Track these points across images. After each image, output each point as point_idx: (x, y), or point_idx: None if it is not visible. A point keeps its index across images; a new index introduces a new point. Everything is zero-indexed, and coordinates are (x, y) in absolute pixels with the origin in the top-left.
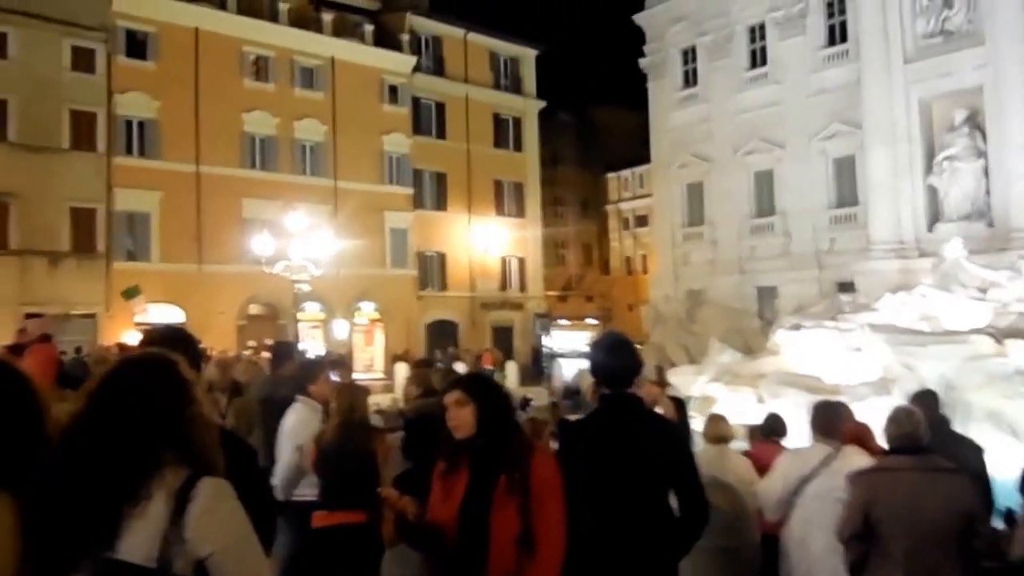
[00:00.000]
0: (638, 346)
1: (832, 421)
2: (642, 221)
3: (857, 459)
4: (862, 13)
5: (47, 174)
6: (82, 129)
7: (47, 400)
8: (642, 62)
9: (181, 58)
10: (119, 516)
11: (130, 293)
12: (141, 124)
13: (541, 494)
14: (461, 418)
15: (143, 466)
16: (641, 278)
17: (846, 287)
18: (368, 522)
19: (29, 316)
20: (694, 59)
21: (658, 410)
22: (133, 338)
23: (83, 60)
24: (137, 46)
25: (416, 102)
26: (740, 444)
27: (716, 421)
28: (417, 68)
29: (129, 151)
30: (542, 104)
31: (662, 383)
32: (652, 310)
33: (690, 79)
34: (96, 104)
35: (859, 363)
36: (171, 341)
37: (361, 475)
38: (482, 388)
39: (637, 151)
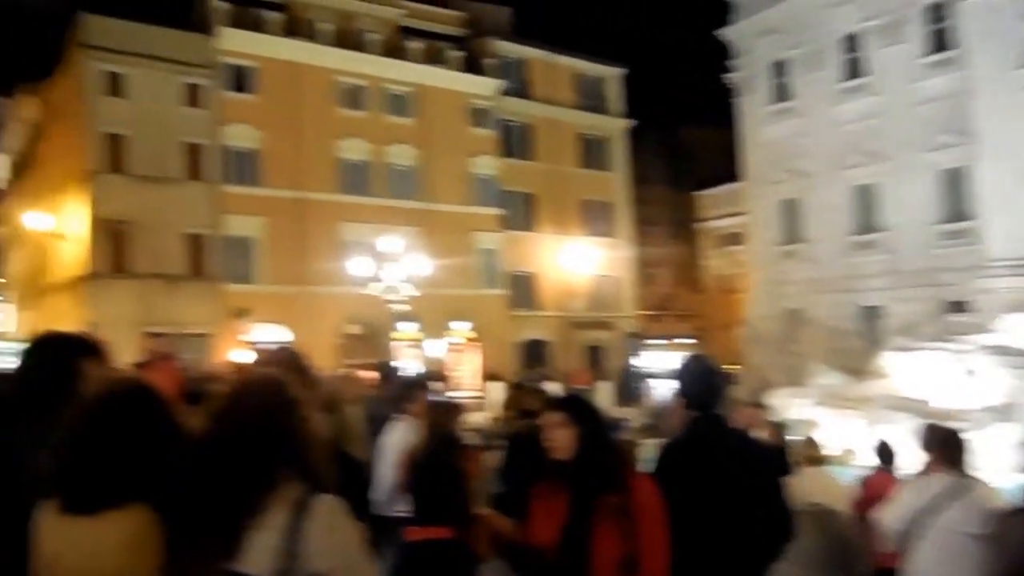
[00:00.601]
0: (735, 368)
1: (954, 449)
2: (735, 239)
3: (989, 492)
4: (968, 18)
5: (163, 203)
6: (194, 160)
7: (179, 415)
8: (729, 78)
9: (281, 90)
10: (241, 528)
11: (239, 314)
12: (246, 154)
13: (644, 518)
14: (560, 439)
15: (262, 481)
16: (735, 297)
17: (957, 306)
18: (457, 538)
19: (150, 336)
20: (784, 72)
21: (757, 434)
22: (242, 356)
23: (193, 96)
24: (241, 81)
25: (503, 124)
26: (850, 470)
27: (811, 444)
28: (504, 91)
29: (236, 180)
30: (629, 123)
31: (760, 406)
32: (749, 331)
33: (781, 93)
34: (206, 136)
35: (974, 387)
36: (283, 362)
37: (449, 491)
38: (581, 410)
39: (726, 168)
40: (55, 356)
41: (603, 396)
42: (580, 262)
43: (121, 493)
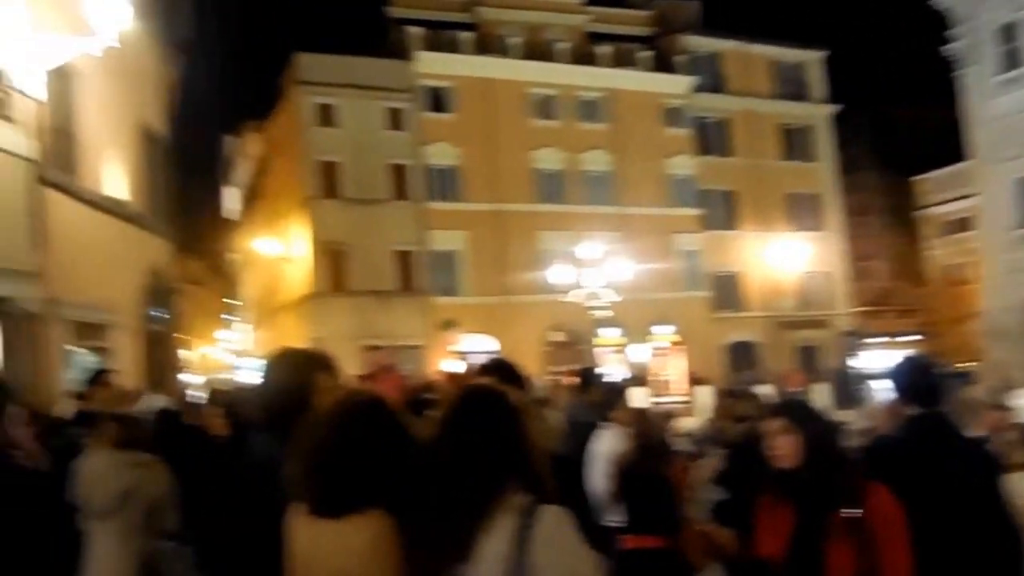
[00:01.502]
0: (969, 366)
1: None
2: (962, 225)
3: None
4: None
5: (374, 223)
6: (399, 180)
7: (408, 423)
8: (948, 48)
9: (476, 107)
10: (472, 535)
11: (446, 325)
12: (447, 171)
13: (883, 533)
14: (784, 447)
15: (491, 489)
16: (965, 289)
17: None
18: (670, 547)
19: (369, 349)
20: (1014, 37)
21: (1005, 438)
22: (452, 367)
23: (396, 119)
24: (438, 101)
25: (698, 122)
26: None
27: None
28: (697, 87)
29: (438, 196)
30: (834, 109)
31: (1004, 407)
32: (986, 324)
33: (1011, 60)
34: (409, 157)
35: None
36: (498, 371)
37: (659, 500)
38: (804, 413)
39: (948, 148)
40: (293, 371)
41: (819, 399)
42: (787, 259)
43: (362, 498)
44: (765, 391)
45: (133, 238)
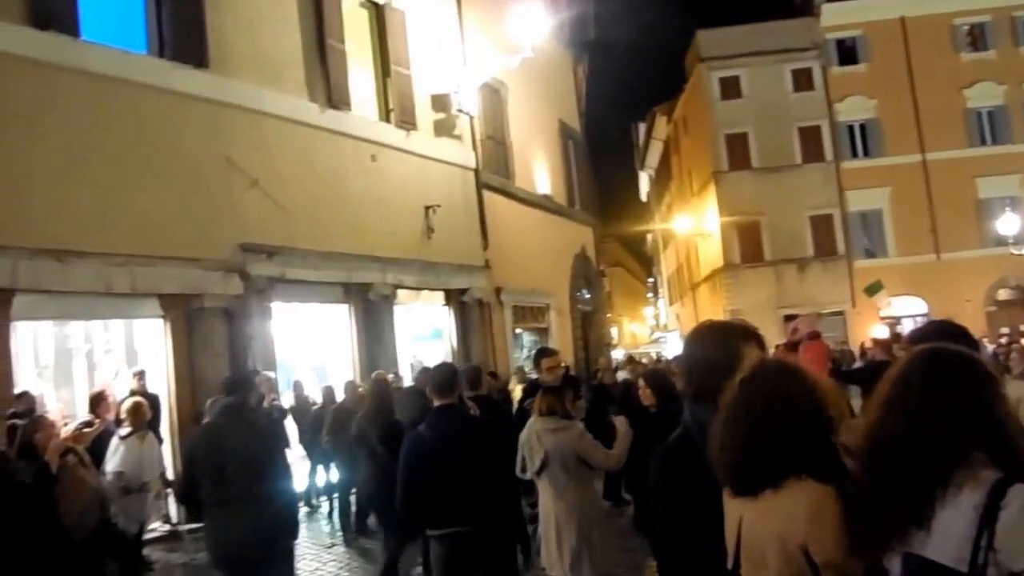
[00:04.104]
0: None
1: None
2: None
3: None
4: None
5: (786, 190)
6: (809, 143)
7: (830, 391)
8: None
9: (890, 52)
10: (927, 510)
11: (872, 289)
12: (861, 126)
13: None
14: None
15: (954, 459)
16: None
17: None
18: None
19: (787, 318)
20: None
21: None
22: (880, 332)
23: (802, 80)
24: (847, 53)
25: None
26: None
27: None
28: None
29: (853, 154)
30: None
31: None
32: None
33: None
34: (818, 118)
35: None
36: (946, 335)
37: None
38: None
39: None
40: (717, 342)
41: None
42: None
43: (784, 470)
44: None
45: (560, 228)
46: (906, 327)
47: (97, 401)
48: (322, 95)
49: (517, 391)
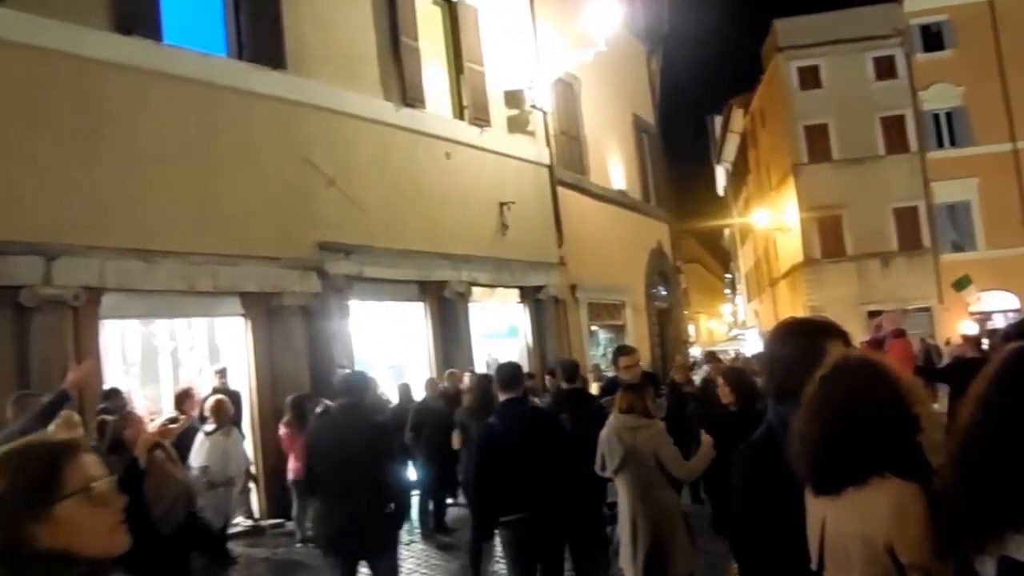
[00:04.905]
0: None
1: None
2: None
3: None
4: None
5: (868, 182)
6: (892, 133)
7: (915, 388)
8: None
9: (977, 36)
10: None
11: (961, 284)
12: (948, 115)
13: None
14: None
15: None
16: None
17: None
18: None
19: (871, 315)
20: None
21: None
22: (969, 328)
23: (884, 68)
24: (932, 39)
25: None
26: None
27: None
28: None
29: (939, 144)
30: None
31: None
32: None
33: None
34: (902, 107)
35: None
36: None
37: None
38: None
39: None
40: (800, 340)
41: None
42: None
43: (859, 470)
44: None
45: (635, 224)
46: (997, 323)
47: (183, 398)
48: (397, 93)
49: (594, 389)
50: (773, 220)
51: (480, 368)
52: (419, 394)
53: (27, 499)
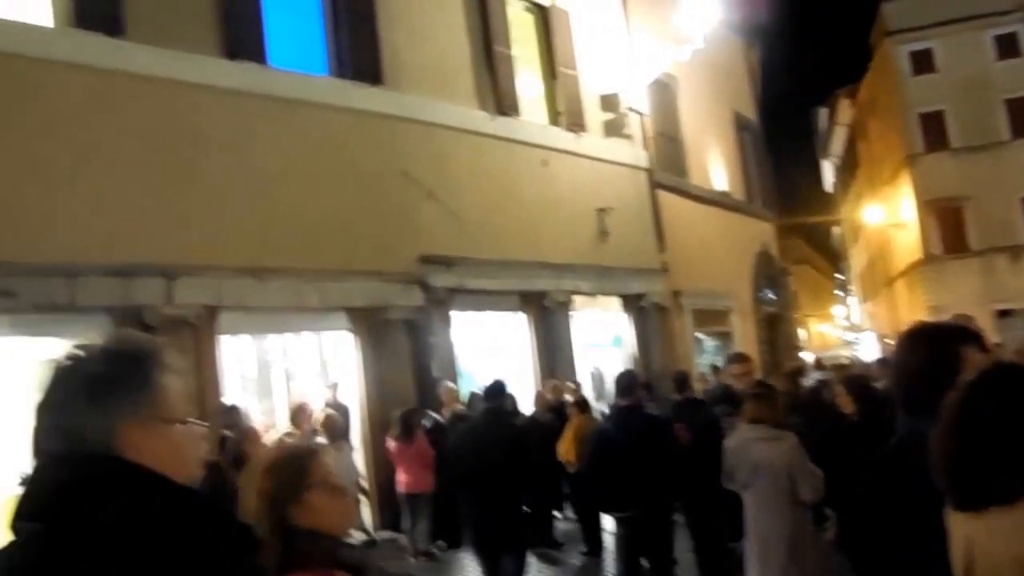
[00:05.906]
0: None
1: None
2: None
3: None
4: None
5: (992, 170)
6: (1019, 117)
7: None
8: None
9: None
10: None
11: None
12: None
13: None
14: None
15: None
16: None
17: None
18: None
19: (1001, 314)
20: None
21: None
22: None
23: (1007, 46)
24: None
25: None
26: None
27: None
28: None
29: None
30: None
31: None
32: None
33: None
34: None
35: None
36: None
37: None
38: None
39: None
40: (934, 346)
41: None
42: None
43: (1008, 486)
44: None
45: (739, 225)
46: None
47: (298, 413)
48: (491, 102)
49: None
50: (887, 216)
51: (584, 379)
52: (525, 407)
53: (287, 489)
